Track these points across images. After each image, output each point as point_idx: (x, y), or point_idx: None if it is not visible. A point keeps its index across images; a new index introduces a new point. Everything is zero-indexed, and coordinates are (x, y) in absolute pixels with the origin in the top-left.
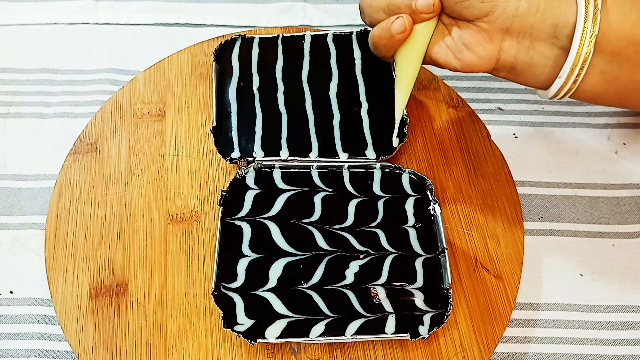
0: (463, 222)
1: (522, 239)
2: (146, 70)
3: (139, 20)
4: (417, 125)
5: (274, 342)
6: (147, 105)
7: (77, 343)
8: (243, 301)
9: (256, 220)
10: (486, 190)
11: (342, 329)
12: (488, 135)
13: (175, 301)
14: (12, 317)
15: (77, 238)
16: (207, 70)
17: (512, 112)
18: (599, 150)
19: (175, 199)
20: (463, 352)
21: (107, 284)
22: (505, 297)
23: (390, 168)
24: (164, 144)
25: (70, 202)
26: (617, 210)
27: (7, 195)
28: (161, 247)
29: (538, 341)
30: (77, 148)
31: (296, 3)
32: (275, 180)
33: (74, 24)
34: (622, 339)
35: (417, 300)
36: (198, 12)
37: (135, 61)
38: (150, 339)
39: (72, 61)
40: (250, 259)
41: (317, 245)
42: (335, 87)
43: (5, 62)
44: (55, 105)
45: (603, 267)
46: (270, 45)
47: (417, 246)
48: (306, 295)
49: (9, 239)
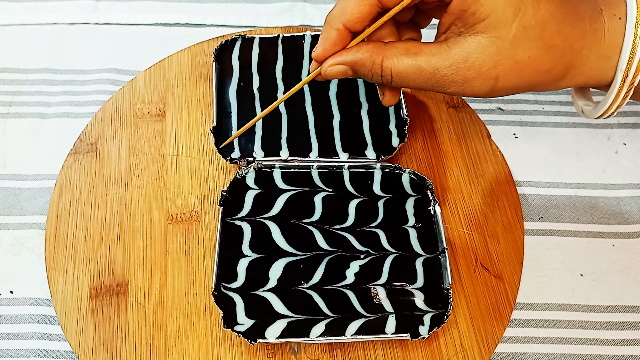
0: (463, 222)
1: (522, 239)
2: (146, 70)
3: (139, 20)
4: (417, 125)
5: (274, 342)
6: (147, 105)
7: (77, 343)
8: (243, 301)
9: (256, 220)
10: (486, 190)
11: (342, 329)
12: (488, 135)
13: (176, 301)
14: (12, 317)
15: (77, 238)
16: (208, 70)
17: (512, 112)
18: (599, 150)
19: (176, 199)
20: (463, 352)
21: (107, 284)
22: (505, 297)
23: (390, 168)
24: (164, 144)
25: (70, 202)
26: (617, 210)
27: (7, 195)
28: (161, 247)
29: (538, 341)
30: (77, 148)
31: (296, 3)
32: (275, 180)
33: (74, 24)
34: (622, 339)
35: (418, 300)
36: (198, 12)
37: (135, 61)
38: (151, 339)
39: (72, 61)
40: (250, 259)
41: (318, 245)
42: (335, 87)
43: (5, 62)
44: (55, 105)
45: (603, 267)
46: (271, 45)
47: (417, 246)
48: (306, 295)
49: (9, 239)
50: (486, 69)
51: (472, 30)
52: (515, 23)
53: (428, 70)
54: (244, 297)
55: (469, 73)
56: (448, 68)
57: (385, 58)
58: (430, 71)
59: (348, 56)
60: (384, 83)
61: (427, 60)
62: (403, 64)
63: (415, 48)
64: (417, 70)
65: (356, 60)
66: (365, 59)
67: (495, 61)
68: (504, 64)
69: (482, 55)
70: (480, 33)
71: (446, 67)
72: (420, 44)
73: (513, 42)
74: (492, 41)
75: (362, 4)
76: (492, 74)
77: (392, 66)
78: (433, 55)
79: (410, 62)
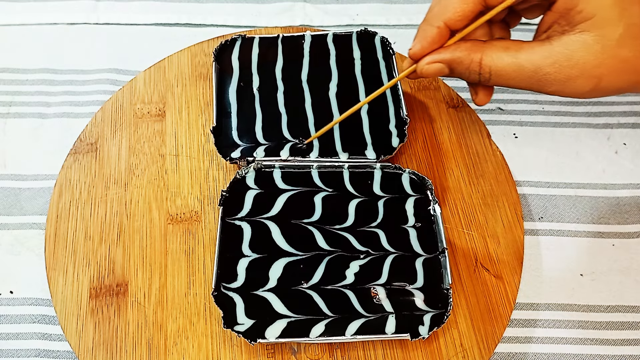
0: (463, 222)
1: (522, 239)
2: (146, 70)
3: (139, 20)
4: (417, 125)
5: (274, 342)
6: (147, 105)
7: (77, 343)
8: (243, 301)
9: (256, 220)
10: (486, 190)
11: (342, 329)
12: (488, 135)
13: (175, 301)
14: (12, 317)
15: (77, 238)
16: (207, 70)
17: (512, 112)
18: (599, 150)
19: (176, 199)
20: (463, 352)
21: (107, 284)
22: (505, 297)
23: (390, 168)
24: (164, 144)
25: (70, 202)
26: (617, 210)
27: (7, 195)
28: (161, 247)
29: (538, 341)
30: (77, 148)
31: (296, 3)
32: (275, 180)
33: (74, 24)
34: (622, 339)
35: (417, 300)
36: (198, 12)
37: (135, 61)
38: (150, 339)
39: (72, 61)
40: (250, 259)
41: (317, 245)
42: (335, 87)
43: (5, 62)
44: (55, 105)
45: (603, 267)
46: (270, 45)
47: (417, 246)
48: (306, 295)
49: (9, 239)
50: (590, 68)
51: (577, 29)
52: (621, 22)
53: (529, 69)
54: (244, 297)
55: (572, 71)
56: (550, 66)
57: (484, 56)
58: (531, 69)
59: (446, 54)
60: (481, 81)
61: (528, 58)
62: (503, 62)
63: (515, 46)
64: (517, 69)
65: (454, 58)
66: (464, 57)
67: (599, 60)
68: (608, 62)
69: (586, 54)
70: (585, 32)
71: (548, 65)
72: (519, 42)
73: (619, 40)
74: (597, 40)
75: (466, 2)
76: (595, 72)
77: (492, 64)
78: (534, 53)
79: (511, 60)
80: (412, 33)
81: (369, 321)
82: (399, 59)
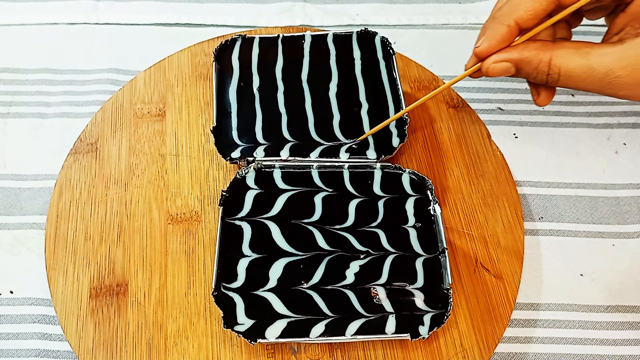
0: (463, 222)
1: (522, 239)
2: (146, 70)
3: (139, 20)
4: (417, 125)
5: (274, 342)
6: (147, 105)
7: (77, 343)
8: (243, 301)
9: (256, 220)
10: (486, 190)
11: (342, 329)
12: (488, 135)
13: (175, 301)
14: (12, 317)
15: (77, 238)
16: (207, 70)
17: (512, 112)
18: (599, 150)
19: (176, 199)
20: (463, 352)
21: (107, 284)
22: (505, 297)
23: (390, 168)
24: (164, 144)
25: (70, 202)
26: (617, 210)
27: (7, 195)
28: (161, 247)
29: (538, 341)
30: (77, 148)
31: (296, 3)
32: (275, 180)
33: (74, 24)
34: (622, 339)
35: (418, 300)
36: (198, 12)
37: (135, 61)
38: (150, 339)
39: (72, 61)
40: (250, 259)
41: (318, 246)
42: (335, 87)
43: (5, 62)
44: (55, 105)
45: (603, 267)
46: (270, 45)
47: (417, 246)
48: (306, 295)
49: (9, 239)
50: None
51: None
52: None
53: (600, 71)
54: (244, 297)
55: None
56: (623, 69)
57: (554, 56)
58: (602, 72)
59: (514, 53)
60: (548, 82)
61: (599, 60)
62: (573, 63)
63: (586, 47)
64: (587, 70)
65: (522, 58)
66: (532, 57)
67: None
68: None
69: None
70: None
71: (621, 68)
72: (590, 44)
73: None
74: None
75: (539, 1)
76: None
77: (562, 65)
78: (606, 55)
79: (581, 62)
80: (412, 33)
81: (369, 321)
82: (399, 59)
